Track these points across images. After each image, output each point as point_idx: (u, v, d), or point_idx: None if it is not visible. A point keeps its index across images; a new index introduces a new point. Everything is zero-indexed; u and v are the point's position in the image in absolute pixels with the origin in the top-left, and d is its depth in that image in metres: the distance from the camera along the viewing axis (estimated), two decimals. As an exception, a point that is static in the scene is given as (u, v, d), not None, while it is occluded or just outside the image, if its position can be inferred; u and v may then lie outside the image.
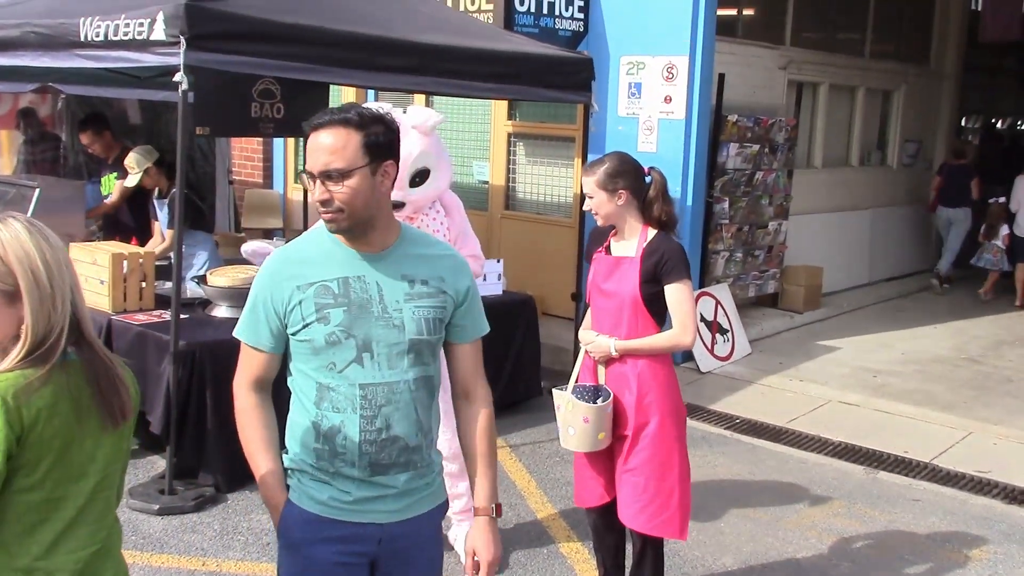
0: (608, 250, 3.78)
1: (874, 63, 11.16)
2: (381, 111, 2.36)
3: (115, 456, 2.02)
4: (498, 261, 6.73)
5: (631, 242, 3.71)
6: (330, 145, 2.26)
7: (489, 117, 9.17)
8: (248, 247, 6.00)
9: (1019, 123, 22.65)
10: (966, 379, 7.78)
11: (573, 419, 3.66)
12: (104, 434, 1.97)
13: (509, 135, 9.09)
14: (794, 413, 6.79)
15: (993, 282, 11.08)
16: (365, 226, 2.34)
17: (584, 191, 3.75)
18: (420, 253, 2.43)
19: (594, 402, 3.65)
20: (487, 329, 2.53)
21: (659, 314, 3.69)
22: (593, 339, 3.72)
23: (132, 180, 6.70)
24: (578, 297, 6.84)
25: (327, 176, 2.26)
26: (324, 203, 2.29)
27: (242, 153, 11.10)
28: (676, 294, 3.61)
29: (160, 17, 4.66)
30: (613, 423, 3.67)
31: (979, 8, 15.11)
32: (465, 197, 9.10)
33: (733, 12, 9.20)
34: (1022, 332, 9.49)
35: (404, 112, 4.29)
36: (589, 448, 3.70)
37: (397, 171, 2.37)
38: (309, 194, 2.69)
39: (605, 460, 3.76)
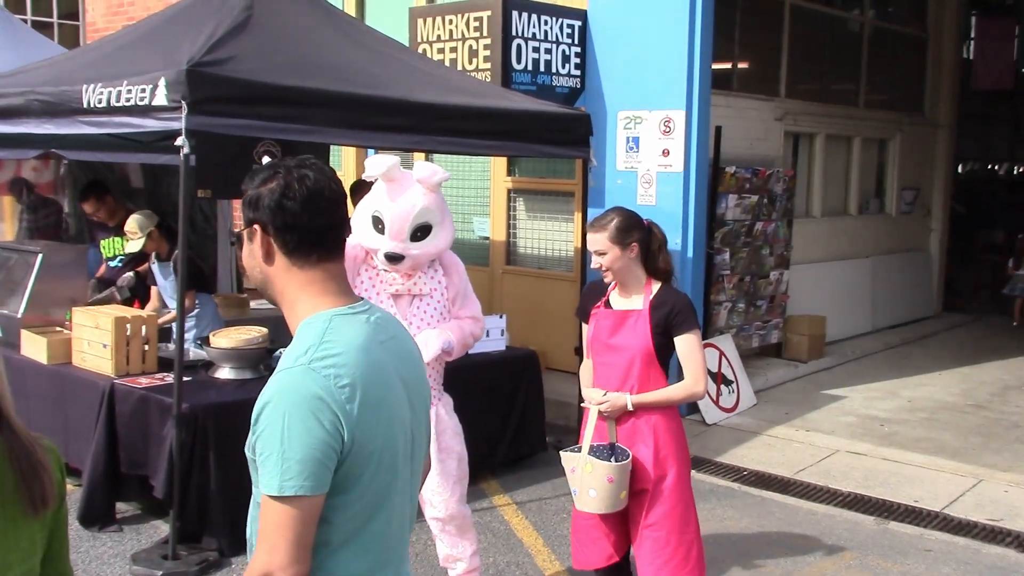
0: (608, 305, 3.78)
1: (869, 113, 11.27)
2: (295, 163, 2.02)
3: (39, 545, 1.82)
4: (500, 317, 6.72)
5: (637, 295, 3.71)
6: None
7: (489, 173, 9.23)
8: None
9: (1015, 168, 22.79)
10: (974, 426, 7.73)
11: (594, 480, 3.61)
12: (27, 522, 1.77)
13: (509, 191, 9.14)
14: (802, 464, 6.74)
15: (1019, 307, 11.90)
16: (272, 298, 2.07)
17: (593, 248, 3.72)
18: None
19: (609, 460, 3.61)
20: (267, 489, 1.85)
21: (666, 365, 3.70)
22: (603, 397, 3.70)
23: (135, 245, 6.72)
24: (581, 351, 6.82)
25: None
26: None
27: (243, 214, 11.15)
28: (688, 344, 3.62)
29: (162, 83, 4.71)
30: (632, 478, 3.64)
31: (971, 57, 15.35)
32: (466, 253, 9.18)
33: (728, 66, 9.31)
34: (1028, 377, 9.45)
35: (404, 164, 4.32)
36: (612, 508, 3.65)
37: (284, 235, 1.98)
38: None
39: (615, 517, 3.73)
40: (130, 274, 7.30)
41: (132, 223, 6.70)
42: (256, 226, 1.97)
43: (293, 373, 1.85)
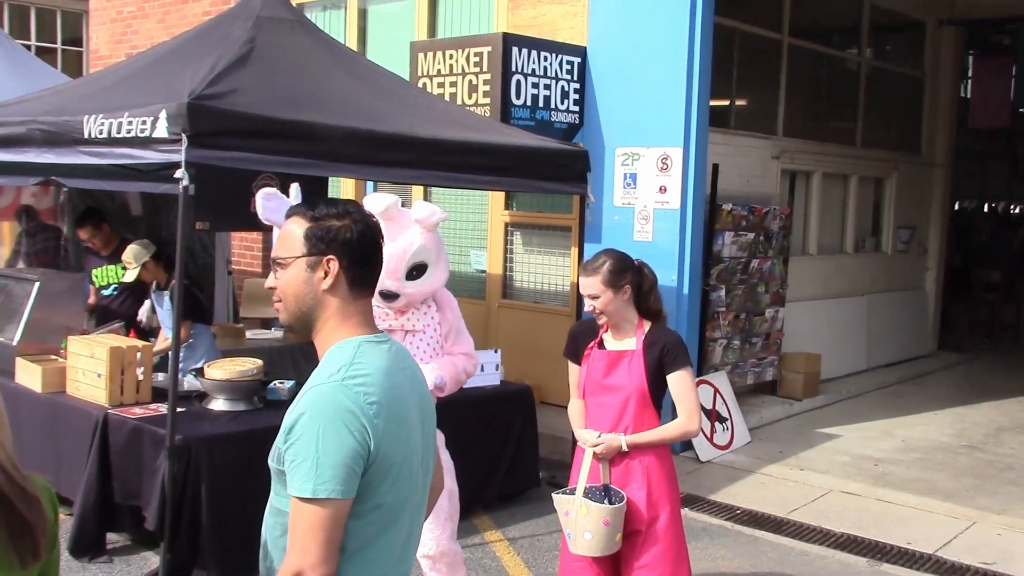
0: (601, 345, 3.79)
1: (866, 151, 11.34)
2: (354, 207, 2.27)
3: None
4: (496, 351, 6.73)
5: (629, 335, 3.73)
6: (281, 233, 2.27)
7: (486, 207, 9.27)
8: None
9: (1012, 207, 22.89)
10: (967, 467, 7.72)
11: (590, 523, 3.60)
12: (16, 572, 1.80)
13: (506, 225, 9.17)
14: (795, 503, 6.73)
15: None
16: (305, 326, 2.25)
17: (586, 292, 3.73)
18: (311, 378, 2.18)
19: (604, 502, 3.61)
20: (300, 491, 2.02)
21: (659, 405, 3.71)
22: (597, 438, 3.70)
23: (131, 275, 6.74)
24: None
25: (273, 262, 2.27)
26: (272, 291, 2.28)
27: (242, 243, 11.19)
28: (681, 382, 3.63)
29: (163, 115, 4.75)
30: (625, 520, 3.64)
31: (968, 96, 15.46)
32: (463, 286, 9.22)
33: (726, 103, 9.38)
34: (1022, 418, 9.44)
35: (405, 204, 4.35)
36: (607, 551, 3.64)
37: (353, 270, 2.20)
38: None
39: (607, 559, 3.72)
40: (147, 304, 7.26)
41: (129, 253, 6.72)
42: (332, 256, 2.17)
43: (327, 388, 2.06)
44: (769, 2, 9.72)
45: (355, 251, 2.20)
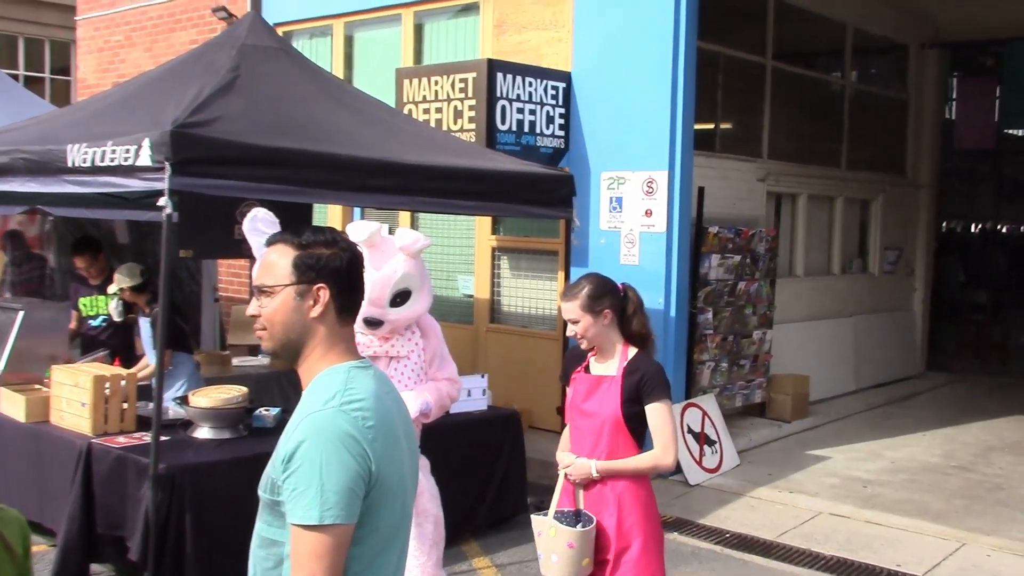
0: (588, 370, 3.79)
1: (851, 173, 11.40)
2: (339, 235, 2.29)
3: None
4: (483, 376, 6.72)
5: (612, 361, 3.72)
6: (265, 260, 2.25)
7: (473, 232, 9.28)
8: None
9: (998, 227, 23.01)
10: (956, 488, 7.71)
11: (556, 545, 3.60)
12: None
13: (493, 249, 9.18)
14: (784, 526, 6.71)
15: None
16: (291, 354, 2.24)
17: (566, 317, 3.74)
18: (301, 406, 2.17)
19: (575, 526, 3.60)
20: (305, 519, 2.00)
21: (639, 433, 3.68)
22: (572, 461, 3.70)
23: (115, 309, 6.77)
24: (563, 411, 6.82)
25: (257, 290, 2.24)
26: (255, 318, 2.25)
27: (229, 270, 11.17)
28: (657, 413, 3.61)
29: (146, 144, 4.75)
30: (595, 547, 3.62)
31: (953, 117, 15.57)
32: (450, 311, 9.22)
33: (711, 127, 9.43)
34: (1011, 438, 9.46)
35: (391, 231, 4.36)
36: (573, 575, 3.63)
37: (341, 298, 2.21)
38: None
39: (581, 587, 3.69)
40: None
41: (117, 281, 6.72)
42: (322, 285, 2.17)
43: (327, 414, 2.05)
44: (753, 26, 9.80)
45: (344, 279, 2.20)
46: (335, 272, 2.19)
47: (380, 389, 2.20)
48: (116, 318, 6.92)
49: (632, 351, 3.71)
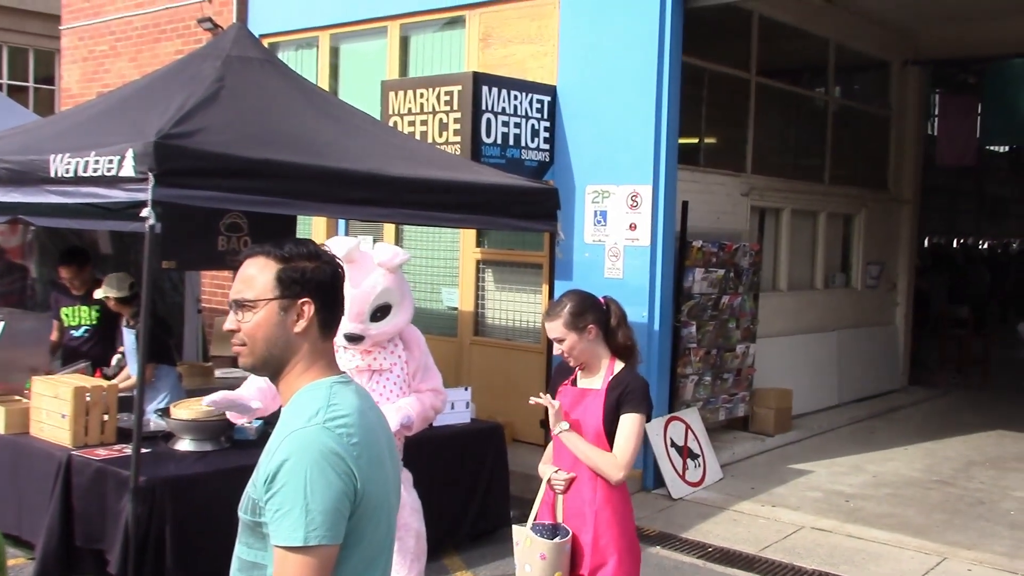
0: (574, 383, 3.80)
1: (834, 189, 11.46)
2: (321, 248, 2.24)
3: None
4: (466, 389, 6.71)
5: (598, 375, 3.73)
6: (244, 273, 2.18)
7: (458, 244, 9.28)
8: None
9: (980, 243, 23.19)
10: (938, 502, 7.74)
11: (530, 556, 3.61)
12: None
13: (478, 262, 9.18)
14: (767, 540, 6.71)
15: None
16: (272, 369, 2.18)
17: (551, 337, 3.74)
18: (283, 423, 2.12)
19: (552, 539, 3.60)
20: (289, 541, 1.94)
21: (620, 446, 3.69)
22: (552, 473, 3.71)
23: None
24: (547, 424, 6.81)
25: (236, 305, 2.17)
26: (232, 333, 2.18)
27: (213, 281, 11.13)
28: (628, 424, 3.61)
29: (129, 154, 4.73)
30: (571, 562, 3.62)
31: (935, 134, 15.70)
32: (434, 323, 9.21)
33: (695, 141, 9.47)
34: (992, 453, 9.50)
35: (373, 247, 4.36)
36: None
37: (324, 313, 2.17)
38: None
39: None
40: (118, 355, 7.20)
41: (103, 292, 6.69)
42: (307, 299, 2.13)
43: (311, 432, 1.99)
44: (737, 42, 9.85)
45: (328, 294, 2.17)
46: (319, 286, 2.15)
47: (363, 404, 2.15)
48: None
49: (619, 365, 3.71)
